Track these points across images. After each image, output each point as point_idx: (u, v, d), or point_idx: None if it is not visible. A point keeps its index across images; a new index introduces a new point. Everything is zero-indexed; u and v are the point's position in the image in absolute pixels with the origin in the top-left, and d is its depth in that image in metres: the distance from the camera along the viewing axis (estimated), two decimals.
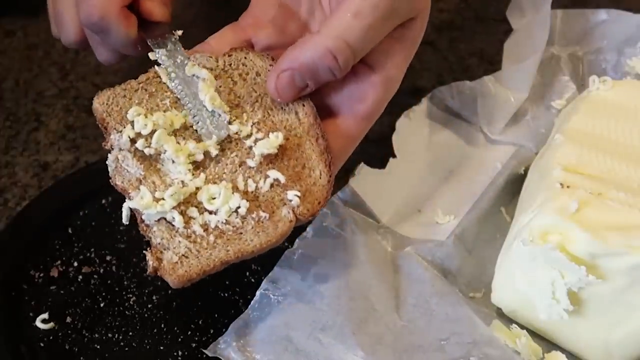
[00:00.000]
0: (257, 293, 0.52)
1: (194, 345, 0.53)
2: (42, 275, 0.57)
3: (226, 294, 0.56)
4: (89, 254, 0.59)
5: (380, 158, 0.68)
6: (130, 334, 0.53)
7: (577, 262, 0.46)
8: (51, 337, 0.53)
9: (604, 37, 0.72)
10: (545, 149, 0.60)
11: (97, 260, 0.58)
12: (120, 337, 0.53)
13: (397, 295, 0.53)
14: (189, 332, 0.53)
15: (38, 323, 0.53)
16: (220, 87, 0.49)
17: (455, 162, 0.66)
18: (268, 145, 0.46)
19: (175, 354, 0.52)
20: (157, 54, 0.50)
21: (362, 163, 0.63)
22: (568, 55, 0.71)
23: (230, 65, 0.50)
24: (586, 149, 0.55)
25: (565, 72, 0.70)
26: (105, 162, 0.66)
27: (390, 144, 0.67)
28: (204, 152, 0.47)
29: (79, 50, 0.66)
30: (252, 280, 0.56)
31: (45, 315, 0.54)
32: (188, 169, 0.46)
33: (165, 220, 0.45)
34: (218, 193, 0.45)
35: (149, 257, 0.44)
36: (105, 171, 0.64)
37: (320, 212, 0.48)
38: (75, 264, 0.58)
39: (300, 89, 0.47)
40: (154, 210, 0.44)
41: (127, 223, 0.46)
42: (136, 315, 0.55)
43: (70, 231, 0.60)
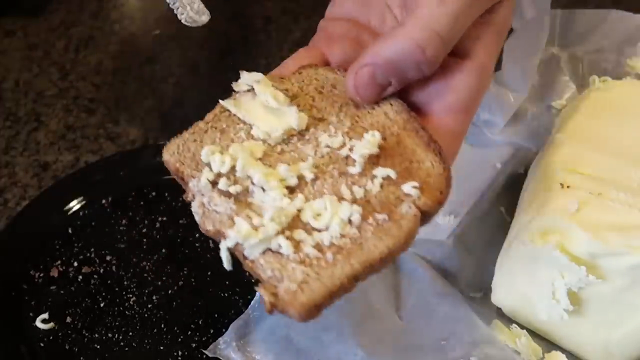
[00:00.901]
0: (257, 293, 0.52)
1: (194, 345, 0.53)
2: (42, 275, 0.57)
3: (226, 294, 0.56)
4: (89, 254, 0.59)
5: None
6: (130, 334, 0.53)
7: (577, 262, 0.46)
8: (51, 337, 0.53)
9: (604, 37, 0.72)
10: (545, 149, 0.60)
11: (97, 260, 0.58)
12: (120, 337, 0.53)
13: (397, 295, 0.53)
14: (189, 332, 0.53)
15: (38, 323, 0.53)
16: (299, 105, 0.44)
17: (455, 162, 0.66)
18: (368, 146, 0.41)
19: (175, 354, 0.52)
20: None
21: None
22: (568, 55, 0.71)
23: (303, 81, 0.46)
24: (586, 149, 0.54)
25: (565, 72, 0.70)
26: (105, 162, 0.67)
27: None
28: (297, 176, 0.41)
29: None
30: (252, 280, 0.56)
31: (45, 315, 0.54)
32: (283, 194, 0.40)
33: (272, 251, 0.38)
34: (324, 207, 0.39)
35: (263, 293, 0.37)
36: (105, 171, 0.65)
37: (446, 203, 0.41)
38: (75, 264, 0.58)
39: (383, 88, 0.42)
40: (255, 239, 0.38)
41: (230, 269, 0.39)
42: (136, 315, 0.55)
43: (70, 231, 0.60)
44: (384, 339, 0.50)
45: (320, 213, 0.39)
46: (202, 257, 0.58)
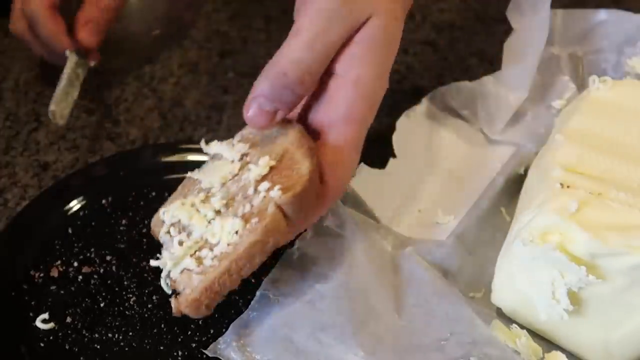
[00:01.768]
0: (257, 293, 0.52)
1: (194, 345, 0.53)
2: (42, 275, 0.57)
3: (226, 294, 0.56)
4: (89, 254, 0.59)
5: (380, 158, 0.68)
6: (130, 334, 0.53)
7: (577, 262, 0.46)
8: (51, 337, 0.53)
9: (604, 37, 0.72)
10: (545, 149, 0.60)
11: (97, 260, 0.58)
12: (120, 337, 0.53)
13: (397, 295, 0.53)
14: (189, 332, 0.53)
15: (38, 323, 0.53)
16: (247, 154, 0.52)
17: (455, 162, 0.66)
18: (258, 169, 0.48)
19: (175, 354, 0.52)
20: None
21: (362, 163, 0.63)
22: (568, 55, 0.71)
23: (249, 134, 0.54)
24: (586, 149, 0.54)
25: (565, 72, 0.70)
26: (105, 162, 0.67)
27: (390, 144, 0.67)
28: (214, 210, 0.48)
29: (20, 40, 0.75)
30: (252, 280, 0.56)
31: (45, 315, 0.54)
32: (206, 226, 0.48)
33: (187, 269, 0.47)
34: (219, 226, 0.47)
35: (172, 301, 0.47)
36: (105, 171, 0.65)
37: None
38: (75, 264, 0.58)
39: (272, 114, 0.49)
40: (170, 262, 0.47)
41: (170, 293, 0.48)
42: (136, 315, 0.55)
43: (70, 231, 0.60)
44: (384, 339, 0.50)
45: (215, 232, 0.47)
46: None
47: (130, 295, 0.56)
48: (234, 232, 0.46)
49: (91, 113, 0.75)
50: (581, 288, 0.47)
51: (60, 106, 0.68)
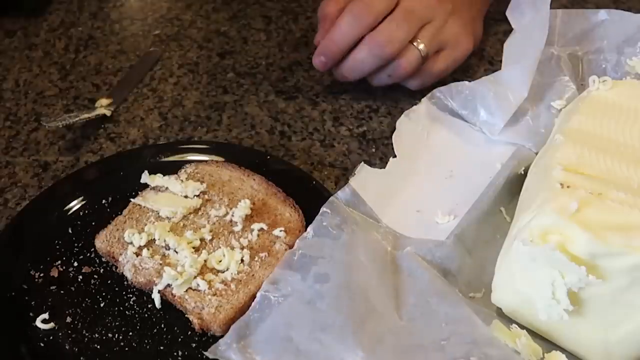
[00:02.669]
0: (258, 294, 0.52)
1: (194, 345, 0.53)
2: (42, 275, 0.57)
3: None
4: (89, 254, 0.59)
5: (380, 158, 0.69)
6: (130, 334, 0.53)
7: (577, 262, 0.46)
8: (51, 337, 0.53)
9: (604, 37, 0.72)
10: (545, 149, 0.60)
11: (97, 260, 0.58)
12: (120, 337, 0.53)
13: (397, 295, 0.53)
14: (189, 332, 0.53)
15: (38, 323, 0.53)
16: (204, 193, 0.62)
17: (455, 162, 0.66)
18: (243, 210, 0.59)
19: (175, 354, 0.52)
20: None
21: (362, 163, 0.63)
22: (568, 55, 0.71)
23: (204, 176, 0.64)
24: (586, 149, 0.55)
25: (565, 72, 0.70)
26: (105, 162, 0.67)
27: (390, 144, 0.67)
28: (200, 239, 0.57)
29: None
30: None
31: (45, 315, 0.54)
32: (191, 252, 0.56)
33: (192, 289, 0.54)
34: (222, 254, 0.56)
35: (192, 318, 0.53)
36: (105, 171, 0.65)
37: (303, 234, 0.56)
38: (75, 264, 0.58)
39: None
40: (181, 280, 0.54)
41: (159, 307, 0.55)
42: (136, 315, 0.55)
43: (70, 231, 0.60)
44: (384, 339, 0.50)
45: (220, 259, 0.56)
46: None
47: (130, 295, 0.56)
48: (240, 261, 0.56)
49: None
50: (581, 288, 0.47)
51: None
